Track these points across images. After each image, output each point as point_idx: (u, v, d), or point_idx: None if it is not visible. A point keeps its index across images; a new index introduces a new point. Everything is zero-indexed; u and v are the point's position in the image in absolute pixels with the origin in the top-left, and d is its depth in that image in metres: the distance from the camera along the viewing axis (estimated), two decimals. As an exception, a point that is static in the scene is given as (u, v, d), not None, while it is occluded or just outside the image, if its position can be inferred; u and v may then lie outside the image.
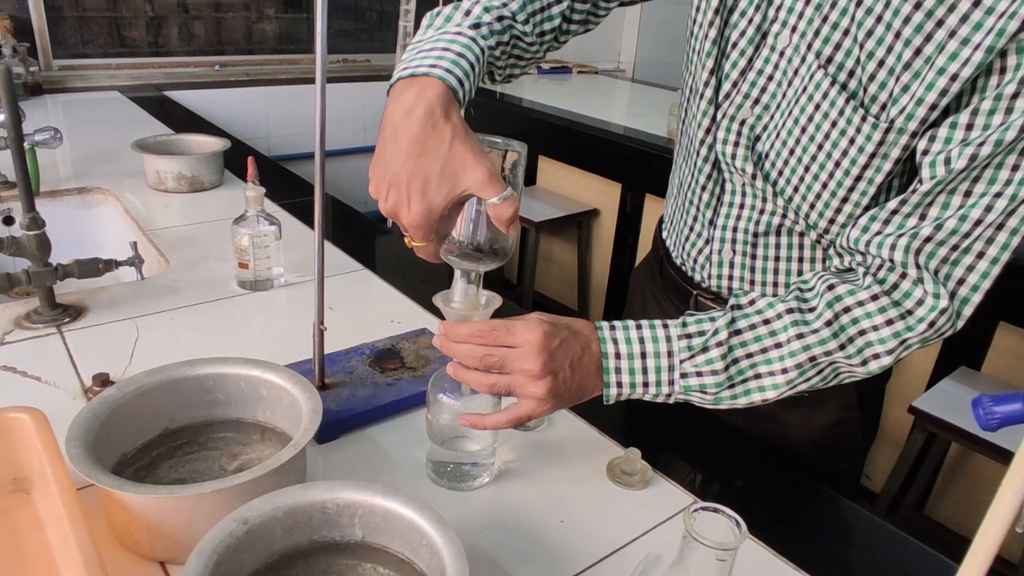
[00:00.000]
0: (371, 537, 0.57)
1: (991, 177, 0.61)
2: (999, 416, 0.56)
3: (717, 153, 0.80)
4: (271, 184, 1.28)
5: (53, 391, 0.83)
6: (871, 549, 0.73)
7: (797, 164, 0.73)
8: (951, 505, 2.06)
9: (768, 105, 0.75)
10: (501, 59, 0.75)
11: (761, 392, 0.69)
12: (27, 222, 0.92)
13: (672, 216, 0.96)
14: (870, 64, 0.65)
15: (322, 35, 0.67)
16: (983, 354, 1.93)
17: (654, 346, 0.69)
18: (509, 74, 0.80)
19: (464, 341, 0.66)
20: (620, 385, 0.69)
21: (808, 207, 0.74)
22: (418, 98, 0.62)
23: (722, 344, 0.68)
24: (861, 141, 0.67)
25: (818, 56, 0.68)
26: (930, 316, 0.65)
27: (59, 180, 1.53)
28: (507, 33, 0.74)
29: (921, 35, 0.61)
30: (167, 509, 0.58)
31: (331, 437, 0.78)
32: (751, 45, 0.74)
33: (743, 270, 0.84)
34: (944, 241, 0.63)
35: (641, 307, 1.04)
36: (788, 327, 0.68)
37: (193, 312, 1.03)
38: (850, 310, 0.66)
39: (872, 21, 0.64)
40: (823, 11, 0.67)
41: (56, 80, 2.60)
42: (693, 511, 0.48)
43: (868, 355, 0.67)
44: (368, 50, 3.57)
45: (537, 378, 0.65)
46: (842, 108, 0.67)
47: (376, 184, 0.65)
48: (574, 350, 0.67)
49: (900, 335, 0.66)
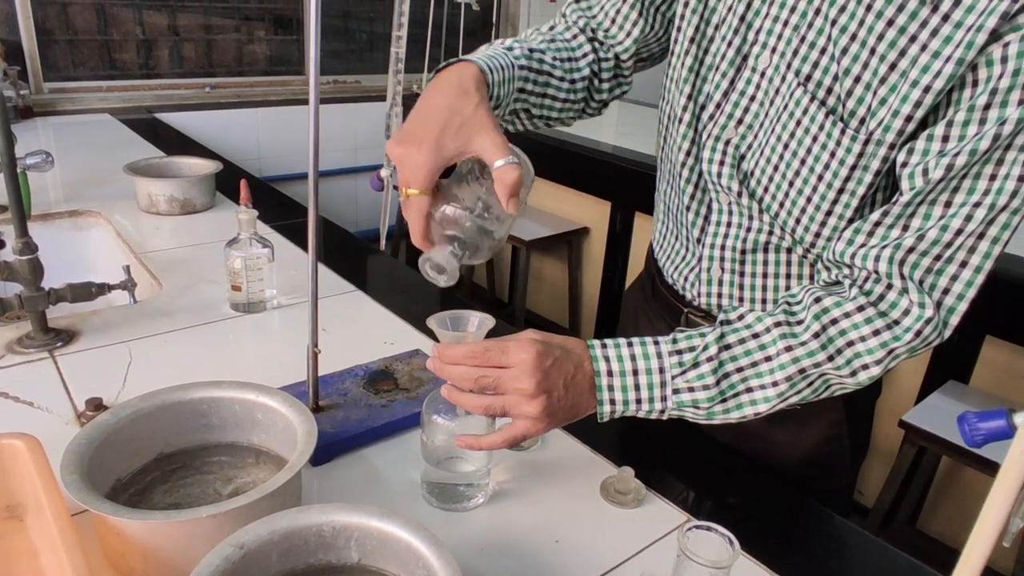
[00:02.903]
0: (367, 559, 0.57)
1: (969, 187, 0.63)
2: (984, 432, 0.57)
3: (703, 173, 0.82)
4: (263, 206, 1.29)
5: (46, 416, 0.82)
6: (864, 565, 0.74)
7: (782, 180, 0.75)
8: (943, 519, 2.06)
9: (751, 124, 0.77)
10: (533, 91, 0.81)
11: (753, 406, 0.70)
12: (19, 247, 0.92)
13: (661, 236, 0.97)
14: (847, 81, 0.67)
15: (314, 57, 0.68)
16: (971, 368, 1.94)
17: (645, 363, 0.69)
18: (545, 116, 0.85)
19: (458, 363, 0.66)
20: (613, 403, 0.69)
21: (794, 222, 0.75)
22: (450, 74, 0.70)
23: (712, 359, 0.69)
24: (842, 154, 0.69)
25: (797, 75, 0.70)
26: (916, 326, 0.66)
27: (50, 203, 1.53)
28: (537, 62, 0.80)
29: (895, 51, 0.64)
30: (162, 535, 0.58)
31: (326, 459, 0.78)
32: (732, 67, 0.77)
33: (732, 287, 0.85)
34: (927, 251, 0.65)
35: (634, 325, 1.05)
36: (777, 340, 0.69)
37: (186, 335, 1.03)
38: (837, 322, 0.67)
39: (847, 40, 0.67)
40: (801, 32, 0.70)
41: (47, 103, 2.61)
42: (687, 529, 0.48)
43: (857, 366, 0.68)
44: (358, 71, 3.59)
45: (532, 397, 0.65)
46: (822, 123, 0.69)
47: (396, 136, 0.67)
48: (567, 369, 0.68)
49: (887, 345, 0.67)
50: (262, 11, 3.26)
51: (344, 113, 3.32)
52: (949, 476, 2.03)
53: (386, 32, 3.05)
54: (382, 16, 3.52)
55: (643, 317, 1.03)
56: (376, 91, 3.38)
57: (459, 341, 0.67)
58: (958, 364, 1.95)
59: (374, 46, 3.63)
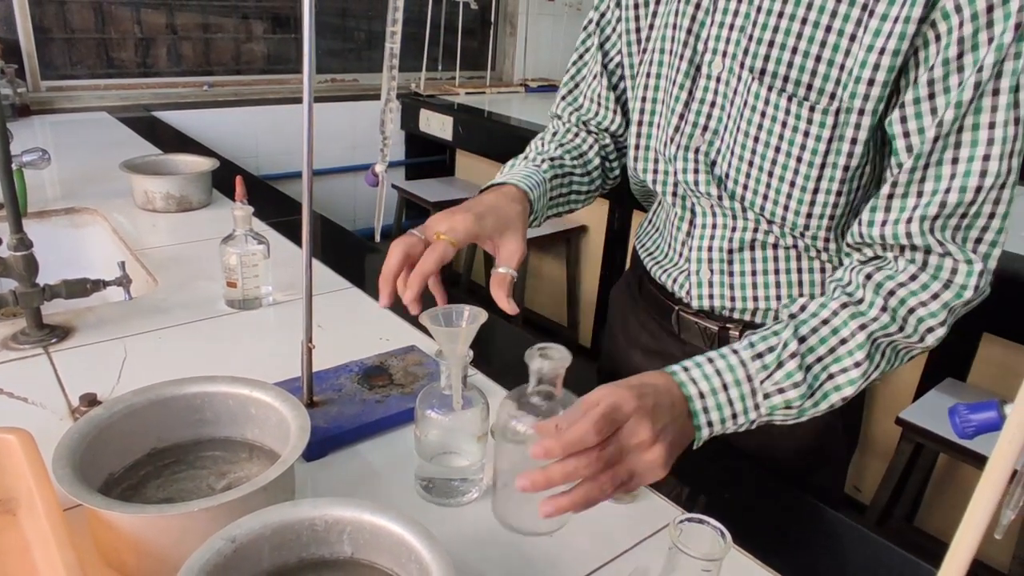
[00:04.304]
0: (360, 553, 0.57)
1: (971, 140, 0.64)
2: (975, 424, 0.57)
3: (680, 183, 0.84)
4: (259, 203, 1.29)
5: (40, 412, 0.82)
6: (860, 560, 0.74)
7: (760, 172, 0.76)
8: (940, 516, 2.07)
9: (716, 129, 0.79)
10: (561, 194, 0.92)
11: (839, 391, 0.69)
12: (14, 243, 0.92)
13: (647, 237, 0.99)
14: (808, 62, 0.70)
15: (310, 54, 0.68)
16: (968, 365, 1.95)
17: (732, 375, 0.67)
18: (572, 207, 0.96)
19: (574, 451, 0.56)
20: (711, 424, 0.66)
21: (782, 209, 0.76)
22: (497, 189, 0.81)
23: (796, 355, 0.68)
24: (816, 131, 0.71)
25: (751, 71, 0.73)
26: (971, 281, 0.66)
27: (47, 201, 1.53)
28: (559, 167, 0.91)
29: (851, 22, 0.67)
30: (155, 529, 0.58)
31: (320, 455, 0.78)
32: (688, 78, 0.80)
33: (722, 288, 0.86)
34: (952, 213, 0.66)
35: (622, 324, 1.06)
36: (848, 321, 0.69)
37: (181, 331, 1.03)
38: (894, 292, 0.68)
39: (799, 25, 0.70)
40: (747, 31, 0.73)
41: (44, 101, 2.61)
42: (678, 522, 0.48)
43: (923, 330, 0.68)
44: (356, 70, 3.59)
45: (651, 445, 0.60)
46: (787, 108, 0.72)
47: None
48: (665, 403, 0.63)
49: (948, 304, 0.67)
50: (260, 9, 3.25)
51: (342, 111, 3.32)
52: (947, 473, 2.04)
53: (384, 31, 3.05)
54: (380, 15, 3.52)
55: (631, 316, 1.03)
56: (374, 89, 3.38)
57: (454, 338, 0.66)
58: (956, 362, 1.96)
59: (372, 44, 3.63)
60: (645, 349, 1.00)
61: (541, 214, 0.87)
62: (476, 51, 4.01)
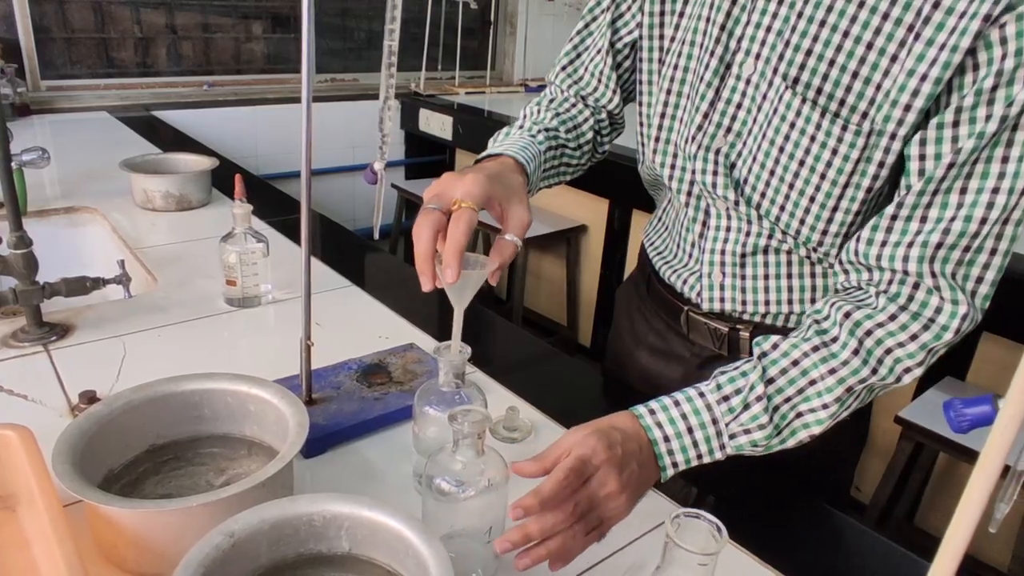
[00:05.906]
0: (358, 549, 0.57)
1: (983, 172, 0.63)
2: (970, 418, 0.57)
3: (697, 183, 0.82)
4: (259, 202, 1.29)
5: (40, 409, 0.82)
6: (859, 558, 0.74)
7: (780, 183, 0.75)
8: (940, 515, 2.07)
9: (740, 132, 0.77)
10: (553, 165, 0.90)
11: (807, 429, 0.70)
12: (14, 241, 0.92)
13: (657, 236, 0.97)
14: (844, 77, 0.67)
15: (309, 54, 0.68)
16: (967, 364, 1.95)
17: (697, 418, 0.68)
18: (559, 180, 0.93)
19: (551, 506, 0.58)
20: (676, 465, 0.68)
21: (798, 223, 0.75)
22: (493, 160, 0.77)
23: (761, 398, 0.68)
24: (845, 150, 0.69)
25: (784, 78, 0.71)
26: (953, 323, 0.66)
27: (46, 200, 1.53)
28: (554, 139, 0.88)
29: (894, 43, 0.64)
30: (154, 524, 0.58)
31: (318, 451, 0.78)
32: (716, 77, 0.77)
33: (734, 291, 0.85)
34: (955, 244, 0.65)
35: (628, 323, 1.05)
36: (818, 364, 0.69)
37: (180, 329, 1.03)
38: (872, 333, 0.67)
39: (839, 37, 0.67)
40: (785, 36, 0.70)
41: (44, 101, 2.61)
42: (675, 517, 0.48)
43: (899, 371, 0.68)
44: (356, 69, 3.59)
45: (619, 493, 0.62)
46: (818, 122, 0.69)
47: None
48: (633, 448, 0.65)
49: (927, 345, 0.67)
50: (260, 9, 3.25)
51: (342, 111, 3.32)
52: (946, 472, 2.04)
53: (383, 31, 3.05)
54: (380, 14, 3.51)
55: (638, 315, 1.03)
56: (374, 89, 3.36)
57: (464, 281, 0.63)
58: (955, 360, 1.96)
59: (372, 44, 3.63)
60: (652, 349, 0.99)
61: (534, 187, 0.84)
62: (476, 51, 4.01)
